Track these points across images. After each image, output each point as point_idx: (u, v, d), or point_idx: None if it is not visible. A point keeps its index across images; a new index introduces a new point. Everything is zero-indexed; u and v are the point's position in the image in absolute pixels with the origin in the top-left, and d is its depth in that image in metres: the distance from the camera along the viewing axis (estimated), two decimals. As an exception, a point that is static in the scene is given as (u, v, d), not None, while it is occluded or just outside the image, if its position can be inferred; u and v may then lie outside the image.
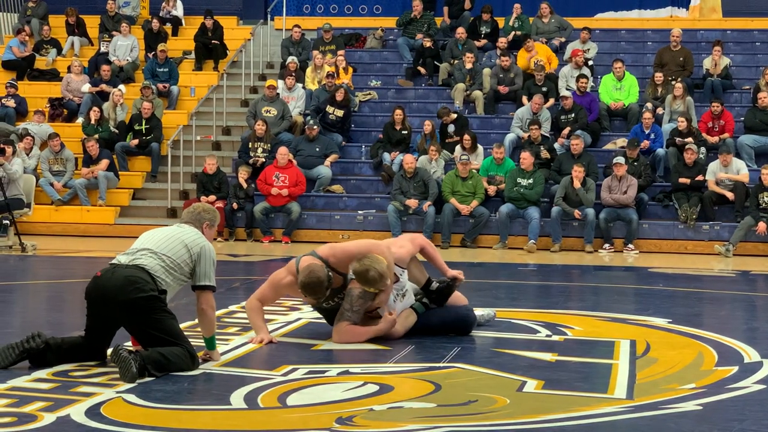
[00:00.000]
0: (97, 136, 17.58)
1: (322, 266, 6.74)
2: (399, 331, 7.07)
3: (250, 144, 17.08)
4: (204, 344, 6.32)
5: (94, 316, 6.09)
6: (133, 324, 6.05)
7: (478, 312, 7.65)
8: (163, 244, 6.23)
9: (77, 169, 17.42)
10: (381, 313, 7.00)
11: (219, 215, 6.74)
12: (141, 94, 18.71)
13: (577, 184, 15.32)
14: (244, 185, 16.40)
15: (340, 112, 17.87)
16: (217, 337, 7.04)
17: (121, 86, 19.34)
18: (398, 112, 17.29)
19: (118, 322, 6.10)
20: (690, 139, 16.12)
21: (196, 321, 7.51)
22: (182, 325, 7.49)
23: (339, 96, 17.84)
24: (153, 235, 6.36)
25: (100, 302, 6.01)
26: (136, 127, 17.90)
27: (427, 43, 19.72)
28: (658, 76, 17.78)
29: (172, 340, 6.02)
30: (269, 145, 16.96)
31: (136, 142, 17.83)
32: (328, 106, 17.88)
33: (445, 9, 21.22)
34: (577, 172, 15.27)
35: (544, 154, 16.23)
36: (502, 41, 19.27)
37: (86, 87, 19.49)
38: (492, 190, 15.90)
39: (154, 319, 5.99)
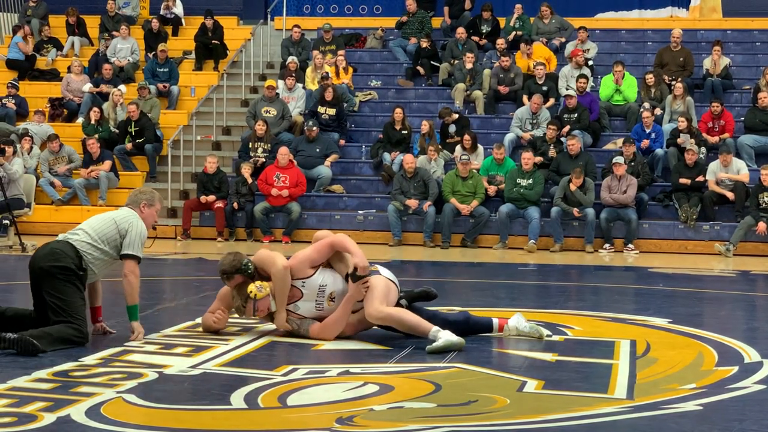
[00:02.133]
0: (97, 136, 17.57)
1: (241, 257, 7.17)
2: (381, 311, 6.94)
3: (251, 144, 17.07)
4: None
5: (31, 286, 6.79)
6: (43, 291, 6.63)
7: (522, 324, 7.39)
8: (95, 223, 6.98)
9: (78, 169, 17.41)
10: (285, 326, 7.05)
11: (158, 196, 7.22)
12: (138, 94, 18.71)
13: (573, 187, 15.32)
14: (249, 180, 16.33)
15: (332, 111, 17.86)
16: (217, 337, 7.05)
17: (122, 86, 19.33)
18: (398, 111, 17.28)
19: (39, 290, 6.69)
20: (689, 137, 16.10)
21: (196, 321, 7.53)
22: (182, 325, 7.51)
23: (328, 95, 17.81)
24: (92, 217, 7.12)
25: (29, 271, 6.76)
26: (129, 129, 17.90)
27: (424, 44, 19.71)
28: (649, 78, 17.77)
29: (65, 315, 6.52)
30: (269, 145, 16.95)
31: (129, 146, 17.81)
32: (320, 106, 17.88)
33: (446, 9, 21.21)
34: (575, 180, 15.26)
35: (552, 153, 16.22)
36: (501, 42, 19.25)
37: (87, 87, 19.48)
38: (492, 190, 15.90)
39: (58, 288, 6.59)
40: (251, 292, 6.93)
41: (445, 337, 6.70)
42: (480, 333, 7.23)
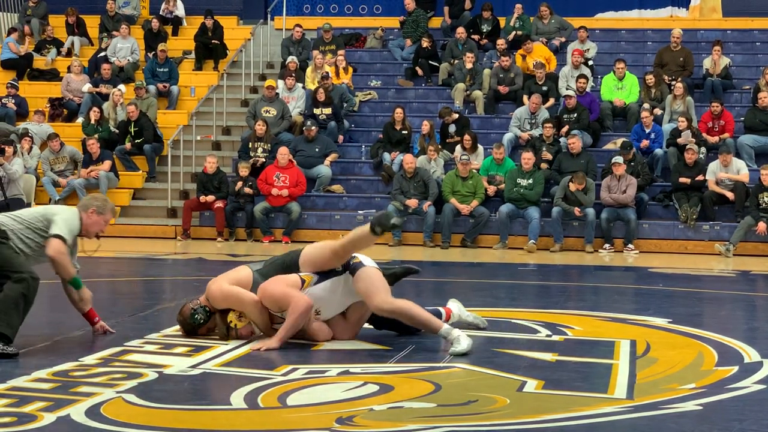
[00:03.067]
0: (96, 136, 17.56)
1: (189, 310, 7.01)
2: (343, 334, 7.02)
3: (250, 144, 17.07)
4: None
5: None
6: None
7: (464, 313, 7.53)
8: (27, 212, 6.94)
9: (77, 168, 17.41)
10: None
11: (112, 208, 7.13)
12: (135, 94, 18.71)
13: (573, 188, 15.32)
14: (247, 190, 16.21)
15: (328, 110, 17.85)
16: (216, 337, 7.04)
17: (121, 86, 19.33)
18: (398, 111, 17.28)
19: None
20: (690, 136, 16.10)
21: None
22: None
23: (320, 96, 17.80)
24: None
25: None
26: (130, 129, 17.90)
27: (425, 44, 19.71)
28: (649, 78, 17.77)
29: (10, 269, 6.42)
30: (269, 145, 16.95)
31: (129, 146, 17.81)
32: (314, 108, 17.88)
33: (446, 9, 21.21)
34: (578, 185, 15.25)
35: (545, 155, 16.22)
36: (501, 42, 19.25)
37: (87, 87, 19.48)
38: (492, 190, 15.90)
39: None
40: (231, 322, 6.91)
41: (465, 339, 6.63)
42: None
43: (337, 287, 6.86)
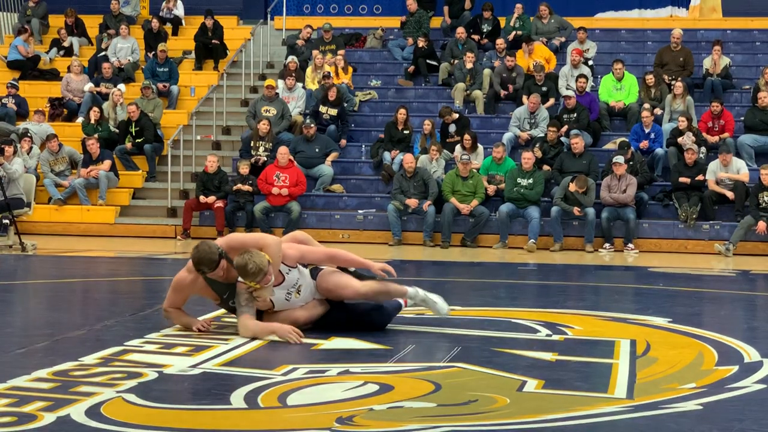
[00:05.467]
0: (96, 135, 17.57)
1: (212, 243, 6.99)
2: (300, 318, 7.16)
3: (252, 143, 17.07)
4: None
5: None
6: None
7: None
8: None
9: (76, 168, 17.41)
10: (262, 307, 7.07)
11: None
12: (141, 93, 18.73)
13: (573, 188, 15.32)
14: (244, 188, 16.21)
15: (333, 111, 17.86)
16: (217, 337, 7.05)
17: (121, 85, 19.33)
18: (402, 111, 17.29)
19: None
20: (691, 135, 16.10)
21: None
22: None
23: (331, 95, 17.83)
24: None
25: None
26: (130, 129, 17.90)
27: (421, 43, 19.71)
28: (649, 78, 17.77)
29: None
30: (271, 144, 16.95)
31: (129, 145, 17.82)
32: (321, 105, 17.88)
33: (446, 9, 21.22)
34: (579, 188, 15.25)
35: (536, 152, 16.22)
36: (500, 42, 19.24)
37: (89, 86, 19.48)
38: (492, 189, 15.90)
39: None
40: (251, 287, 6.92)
41: (436, 296, 7.48)
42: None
43: (309, 283, 7.23)
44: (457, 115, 17.37)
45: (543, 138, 16.68)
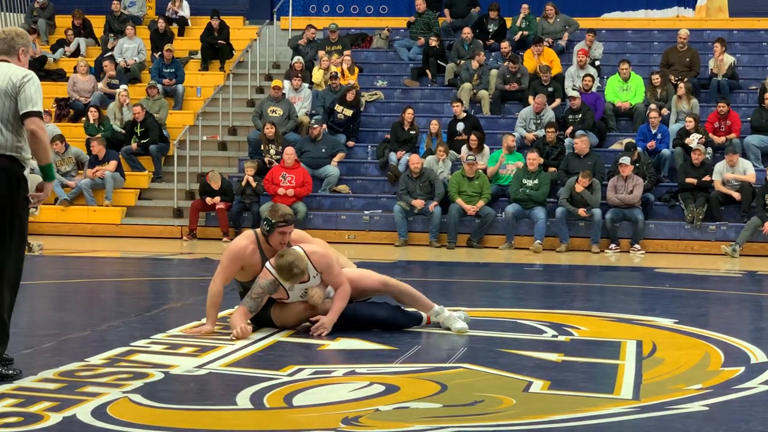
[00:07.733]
0: (99, 135, 17.56)
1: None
2: (307, 310, 7.32)
3: (262, 146, 17.07)
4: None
5: None
6: None
7: (456, 314, 7.62)
8: None
9: (83, 169, 17.43)
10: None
11: (31, 39, 6.37)
12: (147, 94, 18.74)
13: (579, 188, 15.31)
14: (253, 183, 16.26)
15: (349, 112, 17.88)
16: (222, 337, 7.04)
17: (123, 86, 19.32)
18: (409, 112, 17.29)
19: None
20: (699, 136, 16.06)
21: (202, 321, 7.52)
22: (188, 326, 7.50)
23: (350, 96, 17.86)
24: None
25: None
26: (136, 130, 17.92)
27: (433, 42, 19.70)
28: (655, 78, 17.74)
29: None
30: (281, 147, 16.94)
31: (135, 146, 17.83)
32: (337, 105, 17.89)
33: (447, 11, 21.23)
34: (583, 180, 15.26)
35: (533, 155, 16.20)
36: (505, 46, 19.13)
37: (100, 84, 19.50)
38: (493, 170, 16.06)
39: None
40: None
41: (458, 316, 7.48)
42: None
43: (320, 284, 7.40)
44: (464, 114, 17.38)
45: (542, 139, 16.68)
